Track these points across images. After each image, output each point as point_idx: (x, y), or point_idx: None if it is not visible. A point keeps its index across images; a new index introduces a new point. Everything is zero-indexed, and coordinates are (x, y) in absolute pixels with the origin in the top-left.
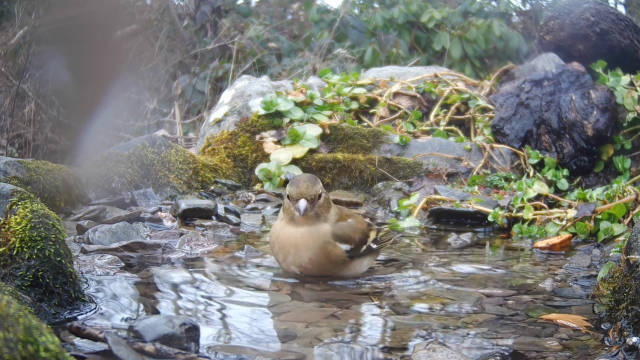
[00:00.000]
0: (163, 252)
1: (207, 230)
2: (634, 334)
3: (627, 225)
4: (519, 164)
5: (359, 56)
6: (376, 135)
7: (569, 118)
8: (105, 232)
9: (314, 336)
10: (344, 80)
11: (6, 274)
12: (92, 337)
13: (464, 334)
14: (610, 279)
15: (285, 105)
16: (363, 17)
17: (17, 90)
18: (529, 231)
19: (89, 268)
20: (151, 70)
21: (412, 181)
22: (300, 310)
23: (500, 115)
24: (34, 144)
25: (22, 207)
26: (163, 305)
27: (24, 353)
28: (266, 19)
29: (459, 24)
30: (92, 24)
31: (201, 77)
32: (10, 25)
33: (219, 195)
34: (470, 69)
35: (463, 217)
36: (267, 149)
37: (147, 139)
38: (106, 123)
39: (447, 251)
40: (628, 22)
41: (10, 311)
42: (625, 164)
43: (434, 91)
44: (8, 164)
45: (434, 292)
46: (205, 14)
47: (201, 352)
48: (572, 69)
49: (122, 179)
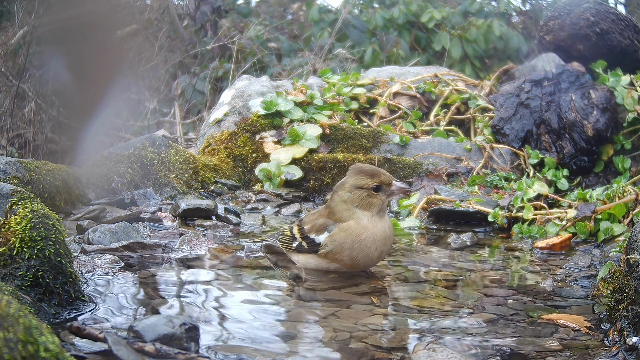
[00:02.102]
0: (163, 252)
1: (207, 230)
2: (634, 334)
3: (627, 225)
4: (519, 164)
5: (359, 56)
6: (376, 135)
7: (569, 118)
8: (105, 232)
9: (314, 336)
10: (344, 80)
11: (6, 274)
12: (92, 337)
13: (464, 334)
14: (610, 279)
15: (285, 105)
16: (363, 17)
17: (17, 90)
18: (529, 231)
19: (89, 268)
20: (151, 70)
21: (412, 181)
22: (300, 310)
23: (500, 115)
24: (34, 144)
25: (22, 207)
26: (163, 305)
27: (24, 353)
28: (266, 19)
29: (459, 24)
30: (92, 24)
31: (201, 77)
32: (10, 25)
33: (219, 195)
34: (470, 69)
35: (463, 217)
36: (267, 149)
37: (147, 139)
38: (106, 123)
39: (447, 251)
40: (628, 22)
41: (10, 311)
42: (625, 164)
43: (434, 91)
44: (8, 164)
45: (434, 292)
46: (205, 14)
47: (201, 352)
48: (572, 69)
49: (122, 179)
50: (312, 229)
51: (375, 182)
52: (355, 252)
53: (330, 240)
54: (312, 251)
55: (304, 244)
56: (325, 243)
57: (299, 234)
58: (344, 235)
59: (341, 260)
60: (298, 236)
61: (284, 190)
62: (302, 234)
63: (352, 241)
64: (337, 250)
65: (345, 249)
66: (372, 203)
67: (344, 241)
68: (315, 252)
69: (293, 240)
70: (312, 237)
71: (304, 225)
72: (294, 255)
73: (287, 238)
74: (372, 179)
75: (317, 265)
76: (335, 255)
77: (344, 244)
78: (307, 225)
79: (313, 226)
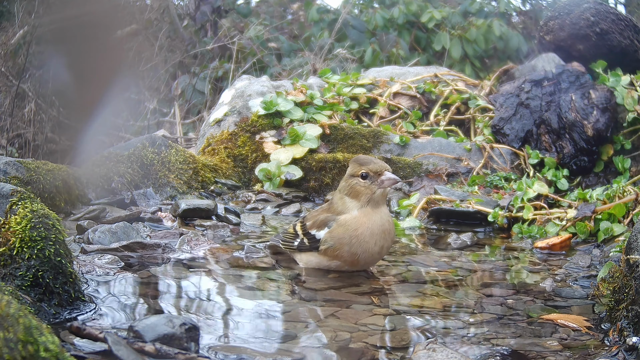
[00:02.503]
0: (163, 252)
1: (207, 230)
2: (634, 334)
3: (627, 225)
4: (519, 164)
5: (359, 56)
6: (376, 135)
7: (569, 118)
8: (105, 232)
9: (314, 336)
10: (344, 80)
11: (6, 274)
12: (92, 337)
13: (464, 334)
14: (610, 279)
15: (285, 105)
16: (363, 17)
17: (17, 90)
18: (529, 231)
19: (89, 268)
20: (151, 70)
21: (412, 181)
22: (300, 310)
23: (500, 115)
24: (34, 144)
25: (22, 207)
26: (163, 305)
27: (24, 353)
28: (266, 19)
29: (459, 24)
30: (92, 24)
31: (201, 77)
32: (10, 25)
33: (219, 195)
34: (470, 69)
35: (463, 217)
36: (267, 149)
37: (147, 139)
38: (106, 123)
39: (447, 251)
40: (628, 22)
41: (10, 311)
42: (625, 164)
43: (434, 91)
44: (8, 164)
45: (434, 292)
46: (205, 14)
47: (201, 352)
48: (572, 69)
49: (122, 179)
50: (313, 224)
51: (363, 169)
52: (355, 247)
53: (330, 235)
54: (313, 248)
55: (305, 240)
56: (325, 239)
57: (301, 231)
58: (342, 230)
59: (341, 256)
60: (300, 233)
61: (284, 190)
62: (304, 230)
63: (349, 236)
64: (336, 247)
65: (344, 244)
66: (359, 192)
67: (343, 236)
68: (316, 249)
69: (295, 238)
70: (313, 233)
71: (307, 222)
72: (296, 255)
73: (289, 236)
74: (360, 167)
75: (318, 264)
76: (335, 252)
77: (342, 239)
78: (309, 221)
79: (315, 222)
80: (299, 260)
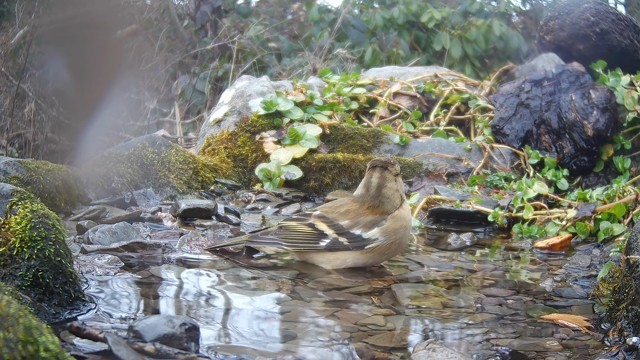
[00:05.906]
0: (163, 252)
1: (207, 230)
2: (634, 334)
3: (627, 225)
4: (519, 164)
5: (359, 56)
6: (376, 135)
7: (569, 118)
8: (105, 232)
9: (314, 336)
10: (344, 80)
11: (6, 274)
12: (92, 337)
13: (464, 334)
14: (610, 279)
15: (285, 105)
16: (363, 17)
17: (17, 90)
18: (529, 231)
19: (89, 268)
20: (151, 70)
21: (412, 181)
22: (300, 310)
23: (500, 115)
24: (34, 144)
25: (22, 207)
26: (163, 305)
27: (24, 353)
28: (266, 19)
29: (459, 24)
30: (92, 24)
31: (201, 77)
32: (10, 25)
33: (219, 195)
34: (470, 69)
35: (463, 217)
36: (267, 149)
37: (147, 139)
38: (106, 123)
39: (447, 251)
40: (628, 22)
41: (10, 311)
42: (625, 164)
43: (434, 91)
44: (8, 164)
45: (434, 292)
46: (205, 14)
47: (201, 352)
48: (572, 69)
49: (122, 179)
50: (355, 224)
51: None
52: (404, 239)
53: (384, 232)
54: (355, 247)
55: (342, 240)
56: (376, 237)
57: (332, 230)
58: (398, 225)
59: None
60: (331, 232)
61: (284, 190)
62: (337, 230)
63: (403, 228)
64: (390, 242)
65: (398, 238)
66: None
67: (397, 229)
68: (361, 248)
69: (321, 238)
70: (358, 232)
71: (337, 221)
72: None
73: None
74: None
75: (354, 262)
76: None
77: (396, 233)
78: (343, 221)
79: (357, 222)
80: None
